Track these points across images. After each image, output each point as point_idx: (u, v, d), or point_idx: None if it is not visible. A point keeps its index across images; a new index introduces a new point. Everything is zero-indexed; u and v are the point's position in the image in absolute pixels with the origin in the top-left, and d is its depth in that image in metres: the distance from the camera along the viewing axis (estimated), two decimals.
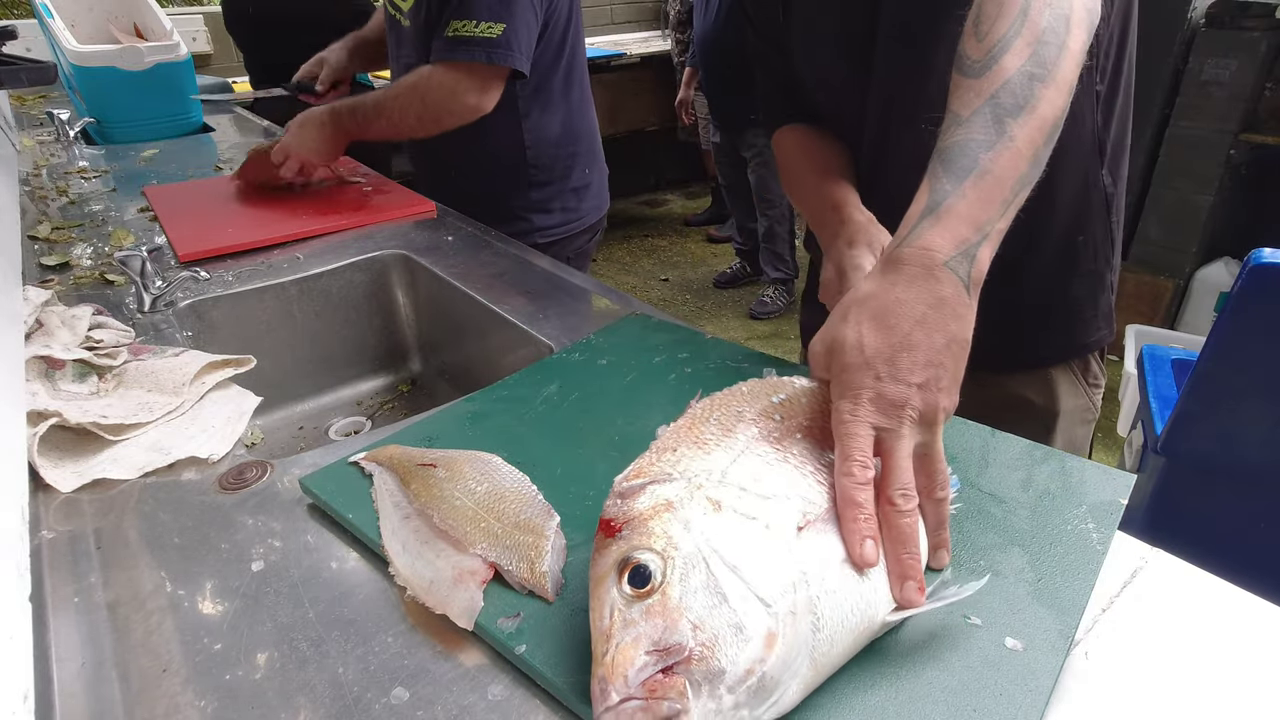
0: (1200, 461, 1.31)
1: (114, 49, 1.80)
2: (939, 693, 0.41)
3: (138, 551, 0.57)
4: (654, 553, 0.39)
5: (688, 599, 0.37)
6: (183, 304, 0.98)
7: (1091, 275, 0.84)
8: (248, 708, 0.44)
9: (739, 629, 0.36)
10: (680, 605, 0.37)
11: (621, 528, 0.42)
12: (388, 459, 0.61)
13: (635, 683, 0.35)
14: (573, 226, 1.50)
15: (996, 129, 0.51)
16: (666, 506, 0.42)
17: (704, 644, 0.36)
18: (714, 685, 0.35)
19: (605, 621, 0.38)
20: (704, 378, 0.73)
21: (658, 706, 0.34)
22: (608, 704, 0.35)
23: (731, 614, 0.37)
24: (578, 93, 1.45)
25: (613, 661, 0.36)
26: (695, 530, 0.40)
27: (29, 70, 1.00)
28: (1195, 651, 0.46)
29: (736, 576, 0.38)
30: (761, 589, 0.38)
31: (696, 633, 0.36)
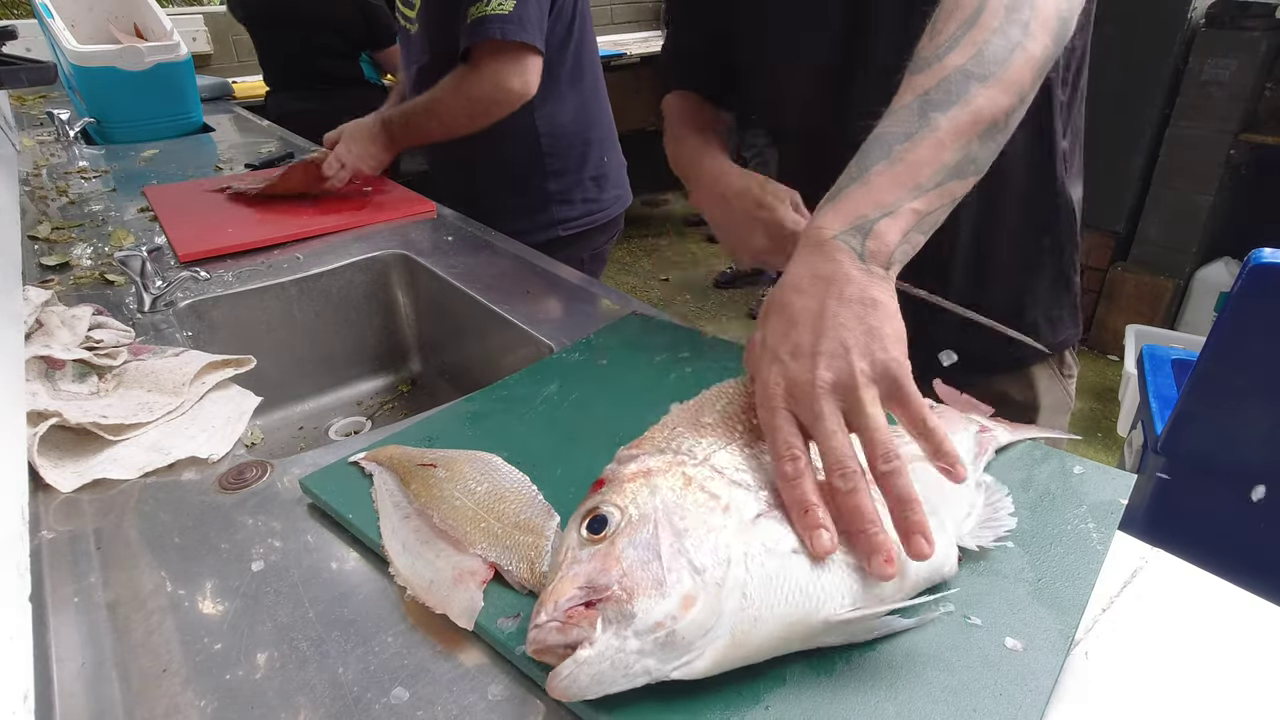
0: (1200, 461, 1.31)
1: (114, 49, 1.80)
2: (939, 693, 0.41)
3: (138, 551, 0.57)
4: (616, 508, 0.43)
5: (627, 550, 0.41)
6: (183, 304, 0.98)
7: (1060, 278, 0.86)
8: (248, 708, 0.44)
9: (659, 584, 0.40)
10: (619, 554, 0.41)
11: (603, 484, 0.47)
12: (388, 459, 0.61)
13: (561, 609, 0.40)
14: (596, 218, 1.49)
15: (920, 120, 0.51)
16: (645, 473, 0.46)
17: (625, 588, 0.40)
18: (622, 625, 0.39)
19: (560, 557, 0.43)
20: (704, 377, 0.72)
21: (569, 630, 0.39)
22: (536, 622, 0.40)
23: (660, 570, 0.40)
24: (590, 79, 1.45)
25: (551, 590, 0.41)
26: (659, 495, 0.44)
27: (29, 70, 1.00)
28: (1195, 651, 0.46)
29: (679, 541, 0.42)
30: (696, 556, 0.41)
31: (623, 579, 0.40)
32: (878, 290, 0.48)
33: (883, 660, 0.43)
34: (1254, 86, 2.53)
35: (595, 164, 1.47)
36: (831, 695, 0.41)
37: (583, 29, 1.40)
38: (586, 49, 1.42)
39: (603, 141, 1.49)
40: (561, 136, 1.41)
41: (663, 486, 0.45)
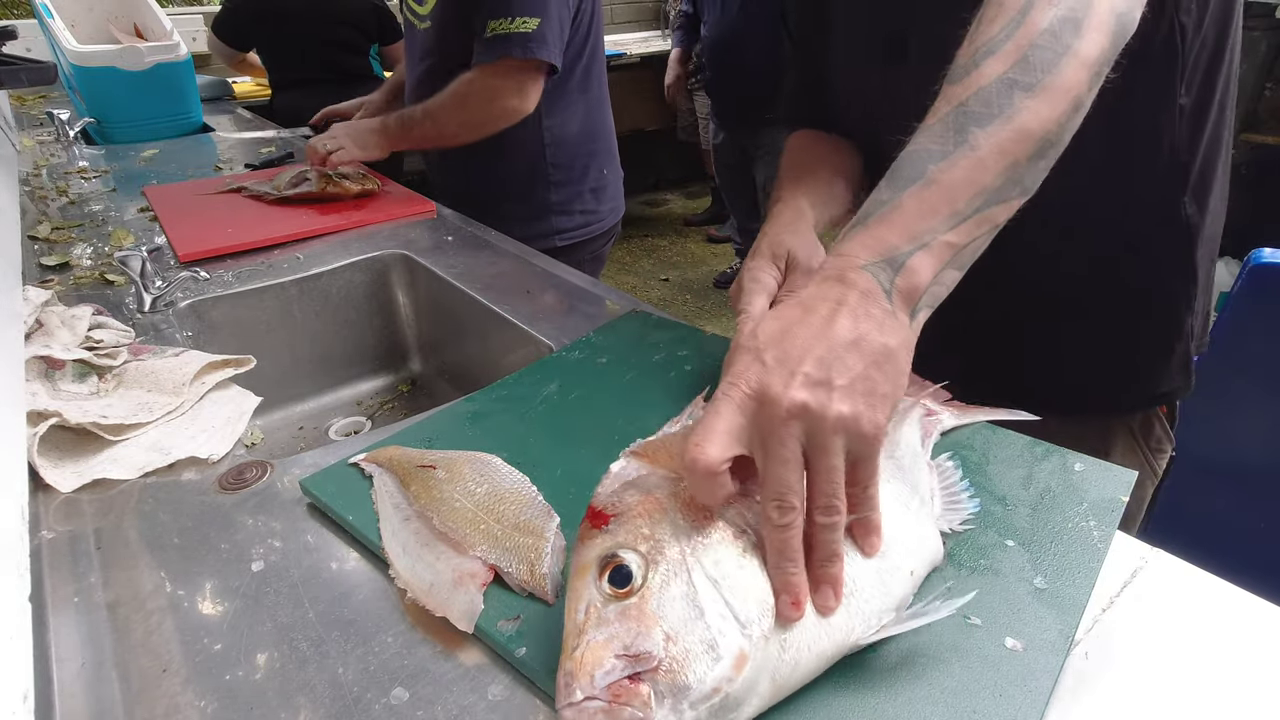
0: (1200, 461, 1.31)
1: (114, 49, 1.80)
2: (938, 693, 0.41)
3: (138, 551, 0.57)
4: (637, 554, 0.39)
5: (665, 607, 0.37)
6: (183, 304, 0.98)
7: (1168, 320, 0.73)
8: (248, 708, 0.44)
9: (712, 647, 0.36)
10: (656, 613, 0.37)
11: (610, 520, 0.42)
12: (388, 460, 0.61)
13: (601, 685, 0.35)
14: (593, 229, 1.49)
15: (956, 138, 0.46)
16: (656, 505, 0.42)
17: (675, 657, 0.36)
18: (678, 699, 0.35)
19: (580, 616, 0.38)
20: (704, 376, 0.73)
21: (620, 712, 0.35)
22: (571, 700, 0.35)
23: (706, 630, 0.37)
24: (596, 90, 1.44)
25: (581, 659, 0.36)
26: (682, 536, 0.40)
27: (29, 70, 1.00)
28: (1195, 651, 0.46)
29: (716, 592, 0.38)
30: (740, 609, 0.38)
31: (669, 645, 0.36)
32: (895, 339, 0.43)
33: (882, 660, 0.43)
34: (1254, 86, 2.53)
35: (595, 176, 1.47)
36: (831, 695, 0.41)
37: (596, 41, 1.41)
38: (597, 59, 1.43)
39: (604, 153, 1.49)
40: (565, 147, 1.41)
41: (682, 523, 0.41)
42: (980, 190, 0.45)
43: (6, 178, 1.27)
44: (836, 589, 0.41)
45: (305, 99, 2.54)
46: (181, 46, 1.87)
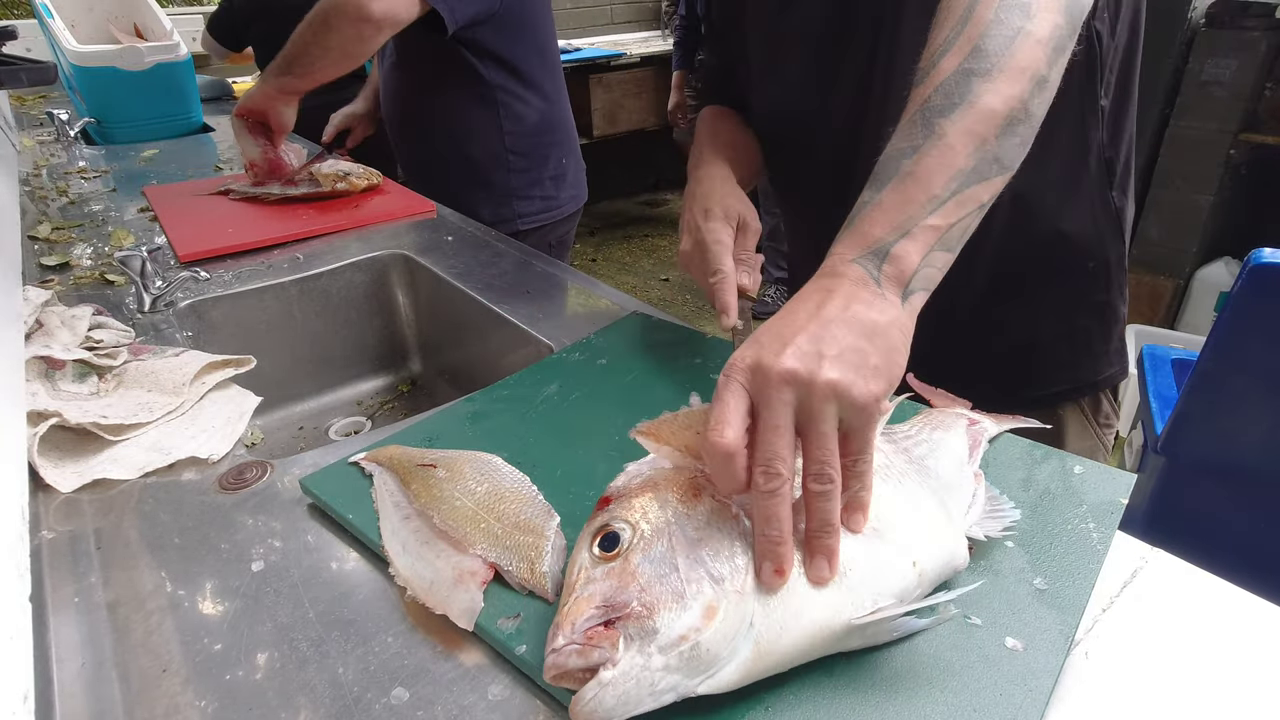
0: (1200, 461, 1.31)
1: (114, 49, 1.80)
2: (939, 692, 0.41)
3: (138, 551, 0.57)
4: (627, 523, 0.43)
5: (643, 566, 0.40)
6: (183, 304, 0.98)
7: (1102, 305, 0.78)
8: (247, 708, 0.44)
9: (680, 596, 0.39)
10: (635, 570, 0.40)
11: (611, 502, 0.46)
12: (388, 459, 0.61)
13: (579, 630, 0.39)
14: (554, 214, 1.57)
15: (924, 131, 0.48)
16: (653, 487, 0.45)
17: (645, 604, 0.39)
18: (645, 642, 0.38)
19: (573, 578, 0.42)
20: (704, 378, 0.73)
21: (590, 652, 0.38)
22: (554, 646, 0.39)
23: (678, 582, 0.39)
24: (552, 85, 1.51)
25: (567, 612, 0.40)
26: (669, 507, 0.43)
27: (29, 70, 1.00)
28: (1195, 651, 0.46)
29: (693, 551, 0.41)
30: (713, 566, 0.40)
31: (642, 594, 0.39)
32: (884, 315, 0.44)
33: (883, 660, 0.43)
34: (1254, 86, 2.53)
35: (555, 165, 1.55)
36: (831, 695, 0.41)
37: (547, 35, 1.48)
38: (549, 55, 1.50)
39: (563, 144, 1.56)
40: (524, 137, 1.48)
41: (672, 499, 0.44)
42: (954, 173, 0.47)
43: (6, 178, 1.27)
44: (832, 560, 0.42)
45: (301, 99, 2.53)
46: (181, 46, 1.87)
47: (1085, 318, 0.79)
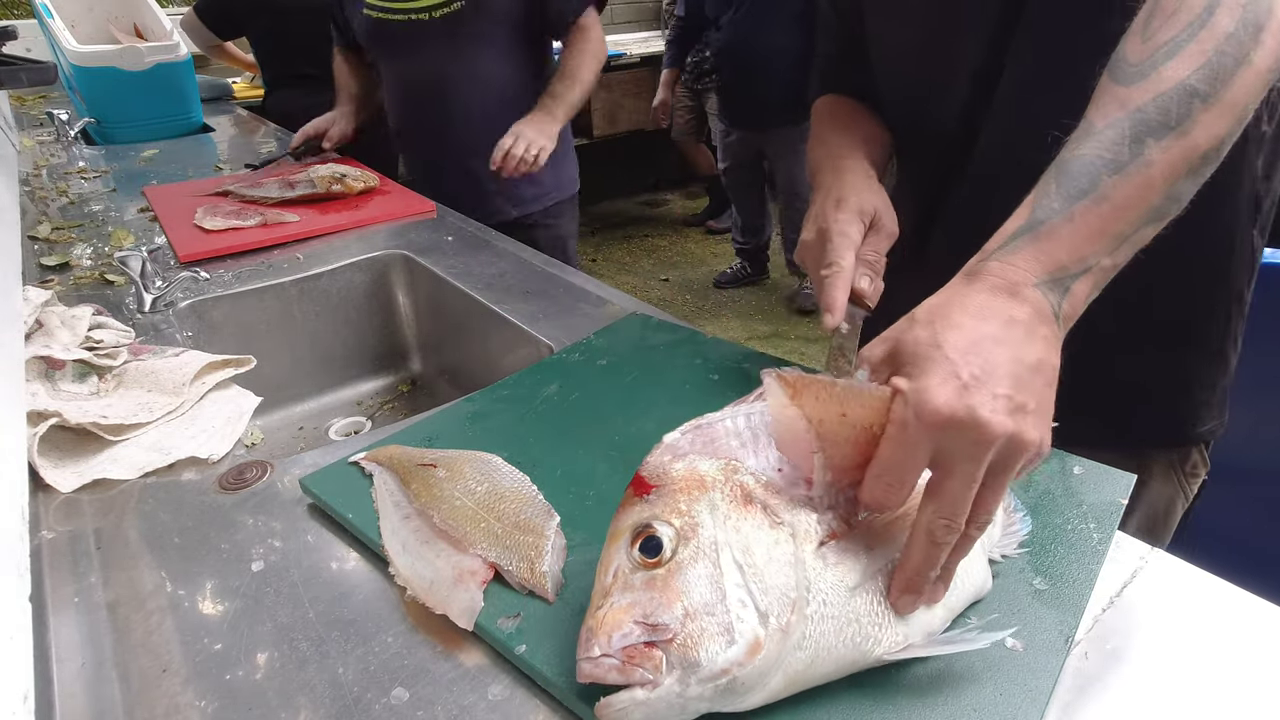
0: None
1: (114, 49, 1.80)
2: (939, 692, 0.41)
3: (138, 551, 0.57)
4: (671, 527, 0.40)
5: (689, 585, 0.38)
6: (183, 304, 0.98)
7: (1215, 355, 0.71)
8: (247, 708, 0.44)
9: (727, 630, 0.37)
10: (679, 588, 0.38)
11: (652, 490, 0.42)
12: (388, 459, 0.61)
13: (616, 646, 0.37)
14: (545, 200, 1.59)
15: (1132, 149, 0.44)
16: (699, 484, 0.42)
17: (690, 634, 0.37)
18: (686, 673, 0.37)
19: (608, 579, 0.40)
20: (704, 378, 0.73)
21: (631, 671, 0.37)
22: (589, 654, 0.38)
23: (725, 614, 0.37)
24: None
25: (602, 619, 0.38)
26: (719, 517, 0.40)
27: (29, 70, 1.00)
28: (1195, 651, 0.46)
29: (741, 577, 0.39)
30: (761, 599, 0.38)
31: (686, 620, 0.37)
32: (1058, 359, 0.42)
33: None
34: None
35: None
36: (832, 696, 0.41)
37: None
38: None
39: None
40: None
41: (720, 504, 0.41)
42: (1146, 210, 0.44)
43: (6, 178, 1.27)
44: (919, 601, 0.41)
45: (302, 97, 2.52)
46: (181, 46, 1.87)
47: (1194, 365, 0.71)
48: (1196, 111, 0.43)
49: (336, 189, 1.33)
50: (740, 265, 3.53)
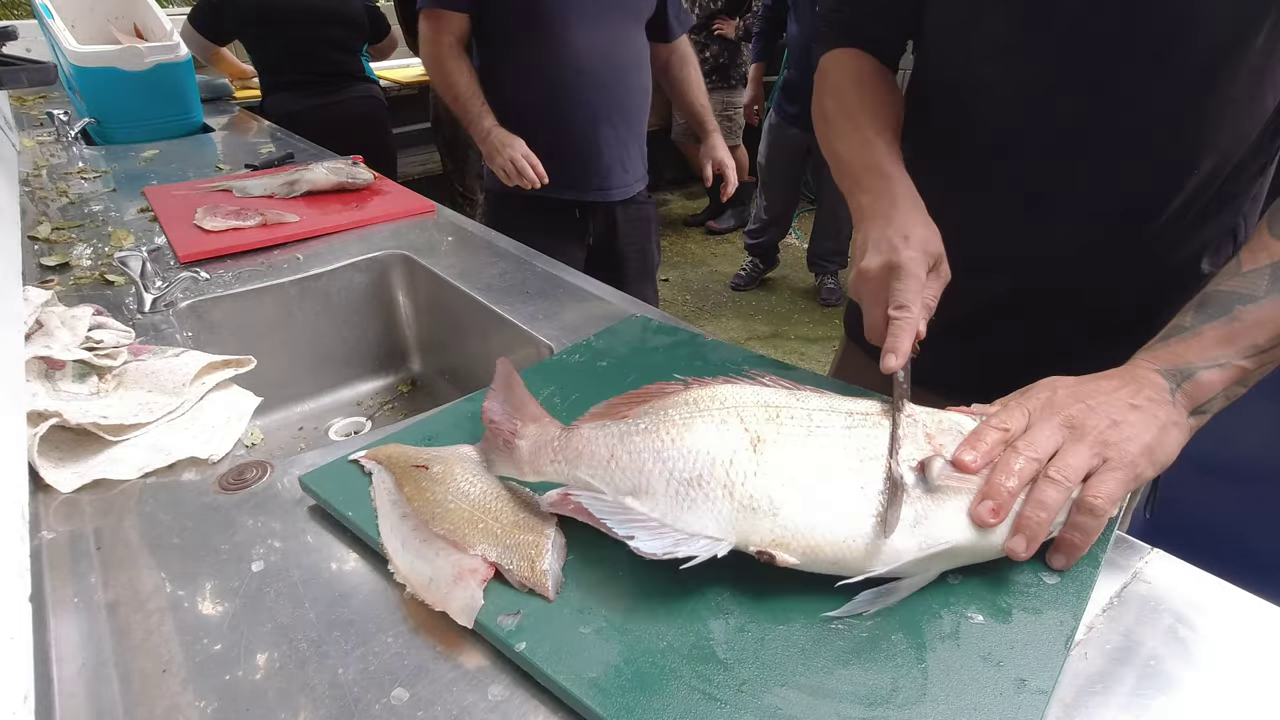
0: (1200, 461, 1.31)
1: (114, 49, 1.80)
2: (938, 692, 0.41)
3: (138, 551, 0.57)
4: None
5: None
6: (183, 304, 0.98)
7: None
8: (247, 708, 0.44)
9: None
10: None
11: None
12: (386, 457, 0.61)
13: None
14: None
15: (1270, 285, 0.51)
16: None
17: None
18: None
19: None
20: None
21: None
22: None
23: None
24: None
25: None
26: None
27: (29, 70, 1.00)
28: (1195, 651, 0.46)
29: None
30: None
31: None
32: (1167, 414, 0.50)
33: (882, 659, 0.43)
34: None
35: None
36: (829, 695, 0.41)
37: None
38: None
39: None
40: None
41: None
42: (1278, 333, 0.51)
43: (6, 178, 1.27)
44: (1030, 543, 0.47)
45: (300, 99, 2.53)
46: (181, 47, 1.87)
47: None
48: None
49: (349, 184, 1.35)
50: (752, 264, 3.50)
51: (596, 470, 0.51)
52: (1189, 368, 0.52)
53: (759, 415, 0.51)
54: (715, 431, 0.50)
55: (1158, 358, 0.53)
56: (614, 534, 0.46)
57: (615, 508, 0.48)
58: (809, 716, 0.40)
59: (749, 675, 0.43)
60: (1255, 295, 0.52)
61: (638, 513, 0.48)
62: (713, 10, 3.51)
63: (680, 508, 0.47)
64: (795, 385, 0.56)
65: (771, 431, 0.50)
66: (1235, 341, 0.51)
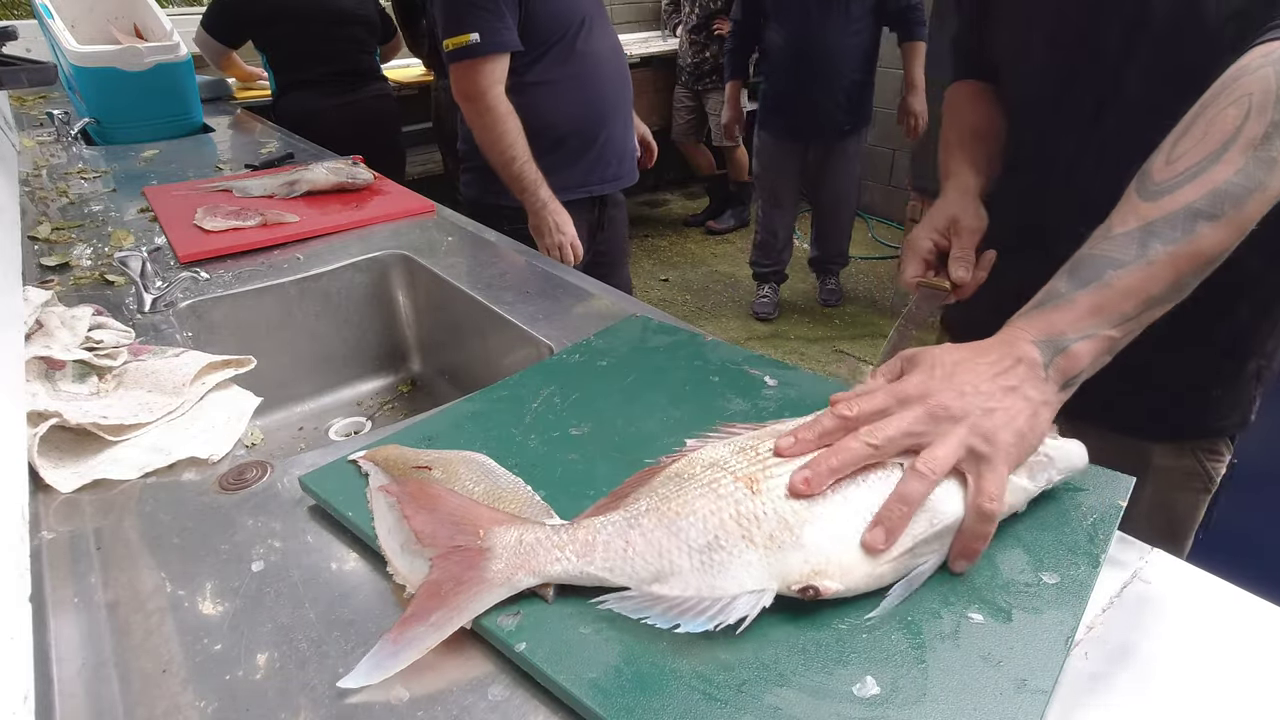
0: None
1: (114, 49, 1.80)
2: (938, 692, 0.41)
3: (138, 552, 0.57)
4: None
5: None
6: (183, 304, 0.98)
7: (1256, 359, 0.77)
8: (247, 708, 0.44)
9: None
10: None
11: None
12: (384, 459, 0.61)
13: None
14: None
15: (1139, 250, 0.52)
16: None
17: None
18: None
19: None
20: (704, 379, 0.73)
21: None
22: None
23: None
24: None
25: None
26: None
27: (29, 70, 1.00)
28: (1195, 651, 0.46)
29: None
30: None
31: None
32: (1040, 394, 0.51)
33: (881, 659, 0.43)
34: None
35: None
36: (829, 695, 0.41)
37: None
38: None
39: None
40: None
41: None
42: (1147, 298, 0.52)
43: (6, 178, 1.27)
44: (888, 536, 0.46)
45: (319, 98, 2.54)
46: (181, 47, 1.87)
47: (1230, 369, 0.77)
48: (1201, 228, 0.51)
49: (349, 185, 1.35)
50: (771, 289, 3.22)
51: (614, 561, 0.48)
52: (1062, 339, 0.52)
53: (741, 461, 0.51)
54: (710, 491, 0.49)
55: (1034, 326, 0.53)
56: (658, 626, 0.45)
57: (648, 601, 0.46)
58: (809, 716, 0.40)
59: (749, 675, 0.43)
60: (1125, 260, 0.52)
61: (672, 598, 0.45)
62: (713, 10, 3.51)
63: (711, 575, 0.46)
64: (757, 425, 0.56)
65: (759, 471, 0.49)
66: (1105, 311, 0.52)
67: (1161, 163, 0.55)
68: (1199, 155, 0.53)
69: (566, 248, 1.51)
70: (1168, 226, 0.52)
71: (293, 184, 1.34)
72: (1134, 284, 0.52)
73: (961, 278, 0.74)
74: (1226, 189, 0.52)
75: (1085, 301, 0.52)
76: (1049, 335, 0.52)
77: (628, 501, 0.51)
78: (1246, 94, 0.53)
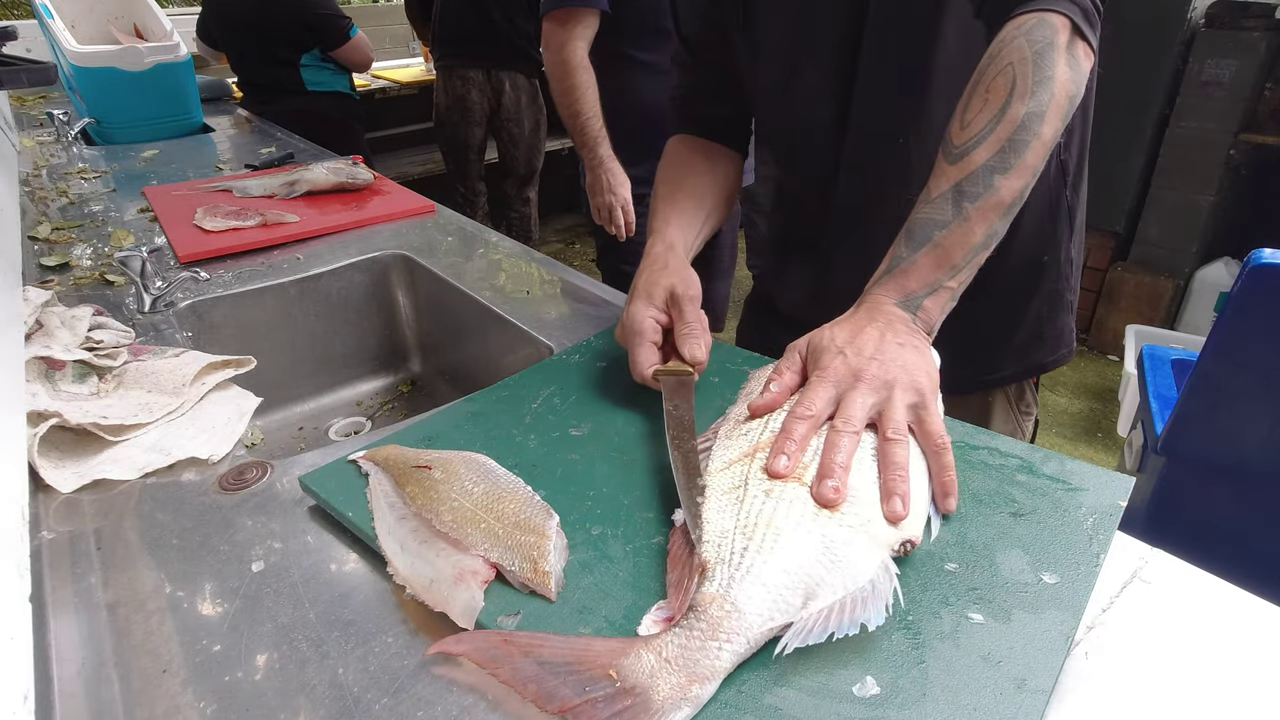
0: (1200, 461, 1.31)
1: (114, 49, 1.80)
2: (938, 692, 0.41)
3: (138, 552, 0.57)
4: None
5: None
6: (183, 304, 0.98)
7: (1053, 294, 0.87)
8: (247, 708, 0.44)
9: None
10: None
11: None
12: (384, 459, 0.61)
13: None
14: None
15: (955, 210, 0.61)
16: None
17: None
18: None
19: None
20: (703, 380, 0.73)
21: None
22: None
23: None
24: None
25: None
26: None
27: (29, 70, 1.00)
28: (1195, 651, 0.46)
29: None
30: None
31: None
32: (921, 342, 0.60)
33: (881, 658, 0.43)
34: (1254, 86, 2.53)
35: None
36: (829, 695, 0.41)
37: None
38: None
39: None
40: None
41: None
42: (970, 248, 0.61)
43: (6, 178, 1.27)
44: (905, 497, 0.51)
45: (260, 106, 2.58)
46: (181, 47, 1.87)
47: (1036, 306, 0.87)
48: (998, 181, 0.61)
49: (349, 185, 1.35)
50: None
51: (763, 610, 0.44)
52: (915, 298, 0.61)
53: (754, 466, 0.54)
54: (777, 502, 0.51)
55: (890, 291, 0.61)
56: (850, 634, 0.43)
57: (818, 621, 0.43)
58: (809, 716, 0.40)
59: (749, 675, 0.43)
60: (945, 220, 0.61)
61: (835, 603, 0.44)
62: None
63: (841, 572, 0.46)
64: (719, 420, 0.61)
65: (782, 464, 0.53)
66: (942, 266, 0.61)
67: (957, 128, 0.63)
68: (985, 119, 0.62)
69: (617, 210, 1.47)
70: (971, 184, 0.61)
71: (293, 184, 1.34)
72: (957, 239, 0.60)
73: (696, 355, 0.68)
74: (1011, 145, 0.60)
75: (925, 261, 0.61)
76: (905, 296, 0.61)
77: (720, 555, 0.47)
78: (1009, 63, 0.62)
